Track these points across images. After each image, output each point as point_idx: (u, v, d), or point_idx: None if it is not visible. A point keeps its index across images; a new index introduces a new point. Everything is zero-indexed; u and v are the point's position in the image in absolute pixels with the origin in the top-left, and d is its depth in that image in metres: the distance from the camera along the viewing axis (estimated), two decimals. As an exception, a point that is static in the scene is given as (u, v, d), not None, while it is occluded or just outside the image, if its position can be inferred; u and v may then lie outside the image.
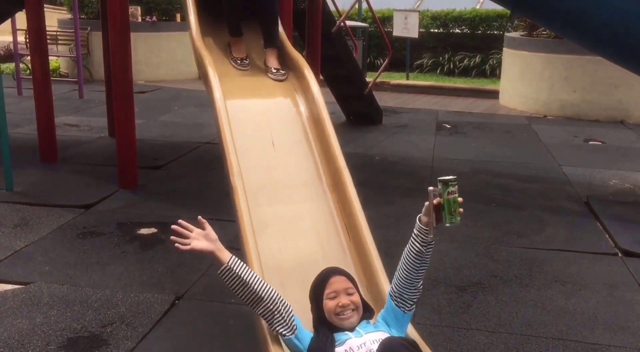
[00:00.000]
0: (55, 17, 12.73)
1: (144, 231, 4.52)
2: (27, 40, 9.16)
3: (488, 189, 5.67)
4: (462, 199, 2.04)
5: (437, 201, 2.04)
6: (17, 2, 6.79)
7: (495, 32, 13.16)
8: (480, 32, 13.39)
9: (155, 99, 10.04)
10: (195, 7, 4.14)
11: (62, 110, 8.41)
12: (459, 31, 13.61)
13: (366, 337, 2.13)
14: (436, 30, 13.68)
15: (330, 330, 2.17)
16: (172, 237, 2.17)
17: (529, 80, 9.70)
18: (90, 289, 3.63)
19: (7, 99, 6.10)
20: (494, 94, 10.84)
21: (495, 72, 12.46)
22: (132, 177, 5.43)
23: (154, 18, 12.07)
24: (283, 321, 2.17)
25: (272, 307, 2.16)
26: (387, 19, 13.14)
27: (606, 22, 4.73)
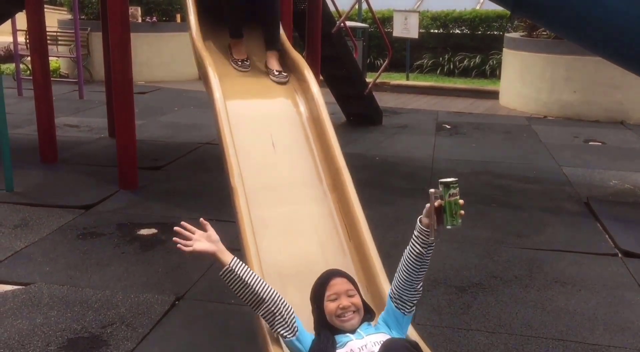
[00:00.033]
0: (55, 17, 12.72)
1: (144, 232, 4.52)
2: (27, 41, 9.16)
3: (488, 189, 5.67)
4: (463, 201, 2.03)
5: (438, 203, 2.03)
6: (17, 2, 6.79)
7: (495, 32, 13.17)
8: (480, 32, 13.40)
9: (155, 99, 10.05)
10: (196, 8, 4.14)
11: (62, 110, 8.41)
12: (459, 32, 13.61)
13: (367, 339, 2.13)
14: (436, 31, 13.68)
15: (331, 332, 2.17)
16: (174, 238, 2.19)
17: (529, 80, 9.70)
18: (90, 290, 3.63)
19: (7, 99, 6.11)
20: (494, 95, 10.84)
21: (495, 73, 12.46)
22: (132, 177, 5.43)
23: (154, 19, 12.08)
24: (284, 323, 2.17)
25: (273, 308, 2.16)
26: (387, 19, 13.14)
27: (606, 22, 4.73)
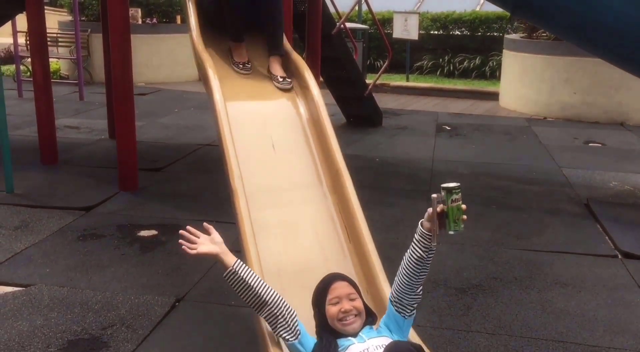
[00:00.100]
0: (55, 19, 12.73)
1: (144, 233, 4.52)
2: (28, 42, 9.16)
3: (488, 191, 5.67)
4: (465, 206, 2.02)
5: (440, 209, 2.01)
6: (18, 4, 6.80)
7: (495, 34, 13.17)
8: (480, 34, 13.40)
9: (155, 101, 10.05)
10: (196, 10, 4.14)
11: (62, 112, 8.42)
12: (459, 33, 13.62)
13: (369, 342, 2.13)
14: (436, 32, 13.69)
15: (333, 336, 2.17)
16: (180, 241, 2.21)
17: (529, 82, 9.71)
18: (90, 291, 3.63)
19: (8, 101, 6.12)
20: (494, 96, 10.85)
21: (495, 74, 12.46)
22: (132, 179, 5.43)
23: (154, 20, 12.08)
24: (287, 325, 2.17)
25: (276, 311, 2.17)
26: (387, 21, 13.15)
27: (605, 24, 4.74)
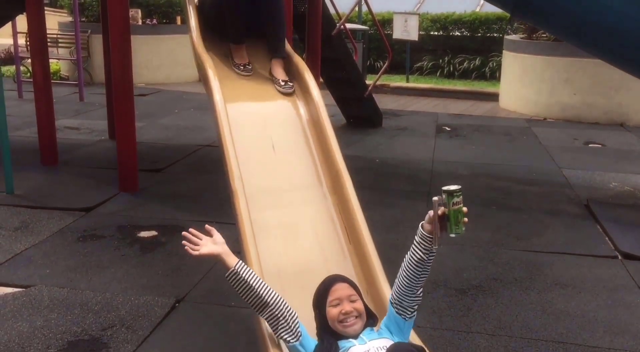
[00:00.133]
0: (55, 19, 12.73)
1: (144, 234, 4.52)
2: (28, 43, 9.16)
3: (488, 191, 5.67)
4: (466, 208, 2.01)
5: (441, 211, 2.01)
6: (18, 5, 6.80)
7: (495, 34, 13.16)
8: (480, 34, 13.40)
9: (155, 101, 10.05)
10: (196, 11, 4.14)
11: (62, 113, 8.42)
12: (459, 34, 13.61)
13: (370, 344, 2.13)
14: (436, 33, 13.68)
15: (334, 338, 2.16)
16: (183, 241, 2.21)
17: (528, 82, 9.71)
18: (90, 292, 3.63)
19: (8, 101, 6.12)
20: (494, 97, 10.85)
21: (495, 75, 12.46)
22: (132, 180, 5.43)
23: (154, 21, 12.09)
24: (288, 327, 2.17)
25: (277, 313, 2.17)
26: (387, 21, 13.14)
27: (605, 25, 4.74)
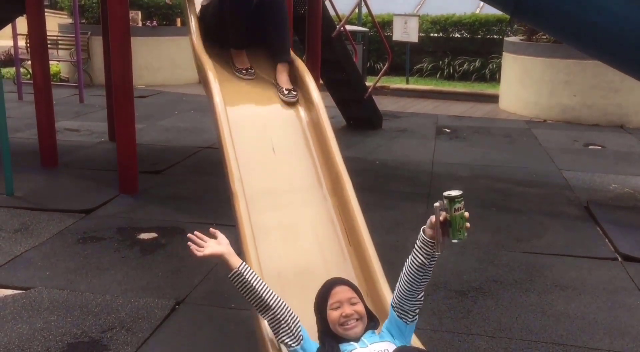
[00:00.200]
0: (55, 21, 12.74)
1: (144, 236, 4.52)
2: (28, 45, 9.16)
3: (488, 193, 5.68)
4: (468, 213, 1.99)
5: (443, 217, 1.99)
6: (18, 7, 6.80)
7: (494, 36, 13.15)
8: (480, 36, 13.40)
9: (155, 103, 10.06)
10: (196, 14, 4.14)
11: (62, 114, 8.42)
12: (459, 35, 13.61)
13: (372, 347, 2.12)
14: (436, 35, 13.68)
15: (335, 341, 2.16)
16: (188, 243, 2.22)
17: (528, 84, 9.71)
18: (90, 294, 3.63)
19: (8, 103, 6.12)
20: (494, 99, 10.85)
21: (495, 77, 12.46)
22: (132, 181, 5.43)
23: (155, 23, 12.09)
24: (289, 330, 2.17)
25: (279, 316, 2.16)
26: (387, 23, 13.15)
27: (604, 27, 4.74)
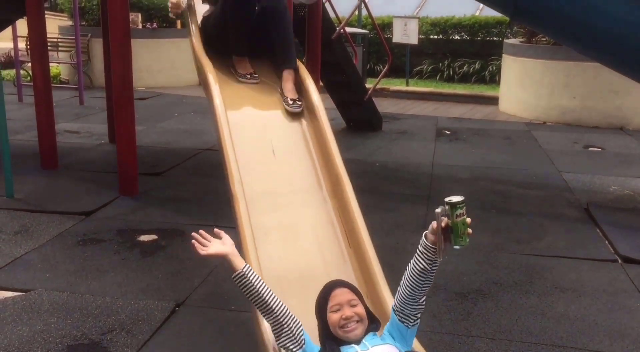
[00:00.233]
0: (55, 23, 12.76)
1: (144, 238, 4.52)
2: (28, 47, 9.18)
3: (488, 195, 5.68)
4: (470, 219, 1.98)
5: (445, 223, 1.98)
6: (18, 9, 6.81)
7: (494, 38, 13.17)
8: (479, 38, 13.42)
9: (155, 105, 10.06)
10: (197, 22, 4.14)
11: (62, 116, 8.42)
12: (459, 37, 13.63)
13: (373, 350, 2.12)
14: (436, 37, 13.69)
15: (336, 343, 2.15)
16: (192, 241, 2.20)
17: (528, 86, 9.72)
18: (90, 296, 3.63)
19: (8, 105, 6.12)
20: (494, 100, 10.85)
21: (494, 79, 12.47)
22: (132, 183, 5.43)
23: (155, 25, 12.10)
24: (292, 335, 2.16)
25: (281, 320, 2.15)
26: (387, 25, 13.17)
27: (604, 30, 4.74)
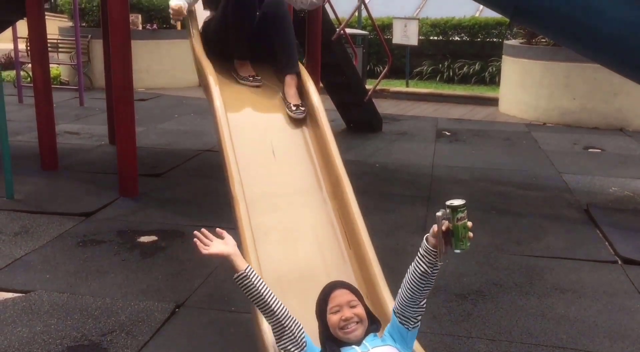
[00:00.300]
0: (56, 24, 12.76)
1: (144, 239, 4.52)
2: (28, 48, 9.18)
3: (488, 196, 5.68)
4: (471, 223, 1.98)
5: (446, 227, 1.98)
6: (18, 10, 6.81)
7: (494, 39, 13.18)
8: (479, 39, 13.42)
9: (155, 106, 10.06)
10: (198, 27, 4.13)
11: (62, 118, 8.43)
12: (459, 39, 13.63)
13: (373, 351, 2.11)
14: (436, 38, 13.70)
15: (336, 344, 2.15)
16: (194, 240, 2.19)
17: (528, 87, 9.72)
18: (90, 298, 3.63)
19: (8, 106, 6.13)
20: (494, 102, 10.86)
21: (494, 80, 12.47)
22: (132, 184, 5.44)
23: (155, 26, 12.11)
24: (293, 337, 2.15)
25: (283, 322, 2.15)
26: (387, 26, 13.17)
27: (604, 30, 4.75)
